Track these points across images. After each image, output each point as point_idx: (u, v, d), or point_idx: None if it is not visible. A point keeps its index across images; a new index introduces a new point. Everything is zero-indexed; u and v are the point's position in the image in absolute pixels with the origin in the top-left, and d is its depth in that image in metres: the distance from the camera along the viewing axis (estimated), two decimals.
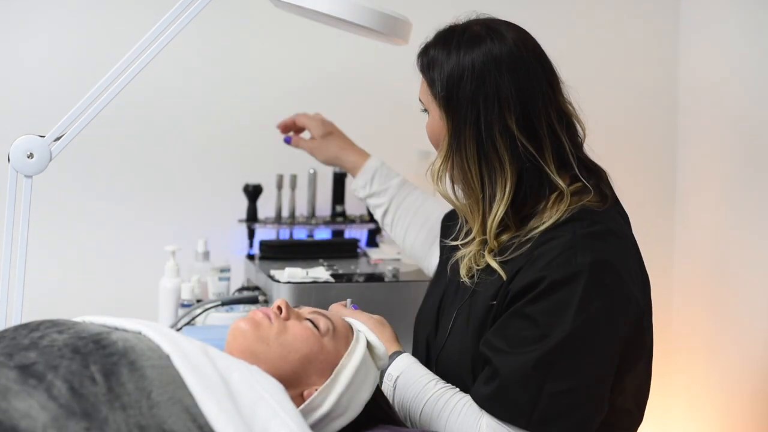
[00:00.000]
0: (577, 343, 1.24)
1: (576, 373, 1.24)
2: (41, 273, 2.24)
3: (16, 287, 1.37)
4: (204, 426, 0.96)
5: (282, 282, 1.90)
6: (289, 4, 1.37)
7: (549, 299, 1.25)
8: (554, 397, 1.23)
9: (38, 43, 2.36)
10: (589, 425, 1.27)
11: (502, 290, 1.31)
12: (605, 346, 1.27)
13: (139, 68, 1.38)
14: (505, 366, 1.25)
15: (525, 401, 1.23)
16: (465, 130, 1.33)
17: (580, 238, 1.28)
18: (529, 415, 1.23)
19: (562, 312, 1.24)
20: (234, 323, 1.23)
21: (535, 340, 1.24)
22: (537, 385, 1.23)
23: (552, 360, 1.23)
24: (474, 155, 1.33)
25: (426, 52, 1.39)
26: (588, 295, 1.24)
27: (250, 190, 2.35)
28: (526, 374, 1.23)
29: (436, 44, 1.37)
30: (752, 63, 2.35)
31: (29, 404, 0.90)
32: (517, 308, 1.28)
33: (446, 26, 1.40)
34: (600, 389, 1.28)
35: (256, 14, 2.42)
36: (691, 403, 2.59)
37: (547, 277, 1.25)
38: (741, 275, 2.37)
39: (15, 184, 1.36)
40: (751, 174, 2.35)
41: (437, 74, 1.35)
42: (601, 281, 1.26)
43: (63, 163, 1.53)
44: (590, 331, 1.25)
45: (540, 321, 1.25)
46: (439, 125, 1.39)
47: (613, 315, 1.27)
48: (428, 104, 1.41)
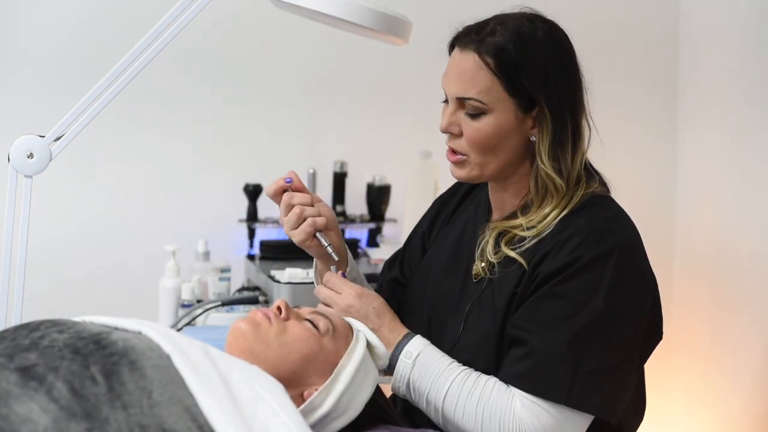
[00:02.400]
0: (610, 320, 1.27)
1: (610, 349, 1.27)
2: (41, 273, 2.24)
3: (16, 287, 1.37)
4: (204, 426, 0.96)
5: (282, 282, 1.90)
6: (289, 4, 1.37)
7: (581, 278, 1.28)
8: (591, 373, 1.25)
9: (38, 43, 2.36)
10: (620, 402, 1.30)
11: (526, 277, 1.33)
12: (635, 324, 1.31)
13: (139, 68, 1.38)
14: (539, 344, 1.27)
15: (563, 377, 1.25)
16: (563, 120, 1.34)
17: (602, 221, 1.32)
18: (567, 391, 1.24)
19: (594, 290, 1.27)
20: (234, 324, 1.23)
21: (569, 318, 1.27)
22: (574, 361, 1.25)
23: (587, 336, 1.26)
24: (569, 139, 1.35)
25: (490, 53, 1.32)
26: (619, 274, 1.28)
27: (250, 190, 2.35)
28: (562, 351, 1.25)
29: (511, 42, 1.32)
30: (751, 63, 2.35)
31: (30, 408, 0.90)
32: (547, 289, 1.30)
33: (503, 19, 1.36)
34: (631, 367, 1.32)
35: (256, 14, 2.42)
36: (691, 402, 2.59)
37: (581, 258, 1.28)
38: (741, 275, 2.37)
39: (15, 184, 1.36)
40: (752, 175, 2.34)
41: (524, 73, 1.32)
42: (630, 260, 1.31)
43: (63, 163, 1.53)
44: (622, 308, 1.28)
45: (573, 300, 1.27)
46: (507, 123, 1.34)
47: (641, 293, 1.32)
48: (494, 102, 1.33)
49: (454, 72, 1.36)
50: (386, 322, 1.40)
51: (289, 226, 1.42)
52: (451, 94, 1.36)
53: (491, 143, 1.34)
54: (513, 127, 1.34)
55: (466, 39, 1.35)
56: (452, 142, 1.38)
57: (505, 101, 1.33)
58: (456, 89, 1.35)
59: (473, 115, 1.34)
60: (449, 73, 1.37)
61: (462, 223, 1.51)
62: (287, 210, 1.41)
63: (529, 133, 1.36)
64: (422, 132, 2.42)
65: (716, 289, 2.48)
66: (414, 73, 2.46)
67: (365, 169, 2.47)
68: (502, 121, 1.34)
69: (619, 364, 1.29)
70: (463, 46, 1.35)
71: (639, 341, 1.33)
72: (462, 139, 1.36)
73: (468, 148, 1.36)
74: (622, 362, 1.30)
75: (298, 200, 1.41)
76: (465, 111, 1.35)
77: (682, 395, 2.61)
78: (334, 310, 1.40)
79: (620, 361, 1.29)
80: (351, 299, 1.40)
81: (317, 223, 1.40)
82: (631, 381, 1.33)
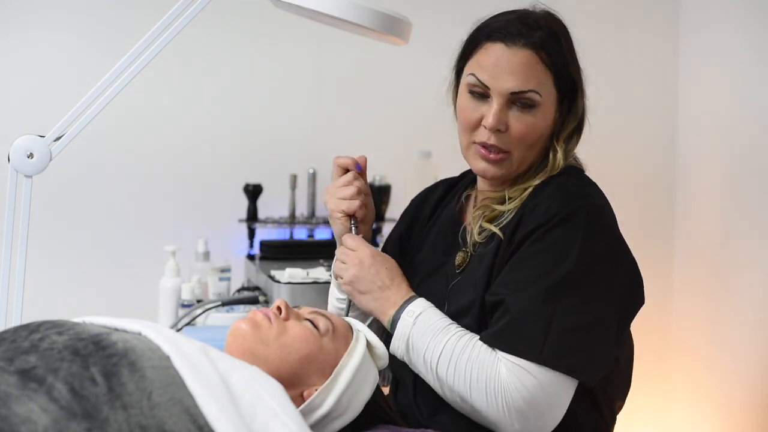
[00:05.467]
0: (583, 277, 1.27)
1: (584, 308, 1.27)
2: (41, 273, 2.24)
3: (16, 287, 1.37)
4: (204, 426, 0.96)
5: (282, 282, 1.90)
6: (289, 4, 1.37)
7: (553, 237, 1.29)
8: (564, 330, 1.25)
9: (38, 44, 2.36)
10: (598, 366, 1.29)
11: (503, 246, 1.34)
12: (609, 283, 1.30)
13: (139, 68, 1.38)
14: (514, 303, 1.27)
15: (536, 335, 1.25)
16: (583, 108, 1.42)
17: (574, 186, 1.36)
18: (540, 348, 1.24)
19: (567, 246, 1.28)
20: (234, 324, 1.23)
21: (543, 276, 1.27)
22: (547, 318, 1.25)
23: (560, 293, 1.26)
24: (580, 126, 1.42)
25: (543, 47, 1.35)
26: (590, 233, 1.29)
27: (250, 190, 2.35)
28: (536, 308, 1.26)
29: (555, 37, 1.37)
30: (751, 64, 2.35)
31: (29, 408, 0.89)
32: (521, 251, 1.31)
33: (534, 16, 1.39)
34: (608, 329, 1.31)
35: (256, 14, 2.42)
36: (690, 403, 2.59)
37: (552, 218, 1.30)
38: (740, 277, 2.37)
39: (15, 184, 1.36)
40: (751, 175, 2.35)
41: (571, 66, 1.38)
42: (601, 221, 1.33)
43: (63, 163, 1.53)
44: (594, 265, 1.29)
45: (545, 258, 1.28)
46: (550, 116, 1.38)
47: (614, 253, 1.33)
48: (546, 95, 1.36)
49: (505, 67, 1.35)
50: (396, 282, 1.40)
51: (340, 195, 1.46)
52: (505, 89, 1.35)
53: (538, 136, 1.37)
54: (553, 119, 1.38)
55: (511, 34, 1.35)
56: (497, 139, 1.37)
57: (551, 94, 1.37)
58: (512, 84, 1.34)
59: (527, 109, 1.36)
60: (498, 69, 1.35)
61: (441, 223, 1.52)
62: (345, 184, 1.47)
63: (554, 123, 1.40)
64: (422, 132, 2.42)
65: (716, 289, 2.48)
66: (414, 73, 2.46)
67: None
68: (548, 114, 1.37)
69: (593, 323, 1.27)
70: (511, 42, 1.35)
71: (616, 303, 1.31)
72: (507, 135, 1.36)
73: (515, 144, 1.37)
74: (597, 322, 1.28)
75: (359, 184, 1.47)
76: (516, 106, 1.36)
77: (682, 395, 2.61)
78: (347, 265, 1.41)
79: (595, 320, 1.28)
80: (365, 257, 1.41)
81: (361, 210, 1.46)
82: (610, 344, 1.31)
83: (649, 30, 2.68)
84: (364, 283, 1.39)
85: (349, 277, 1.41)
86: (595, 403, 1.36)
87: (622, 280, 1.33)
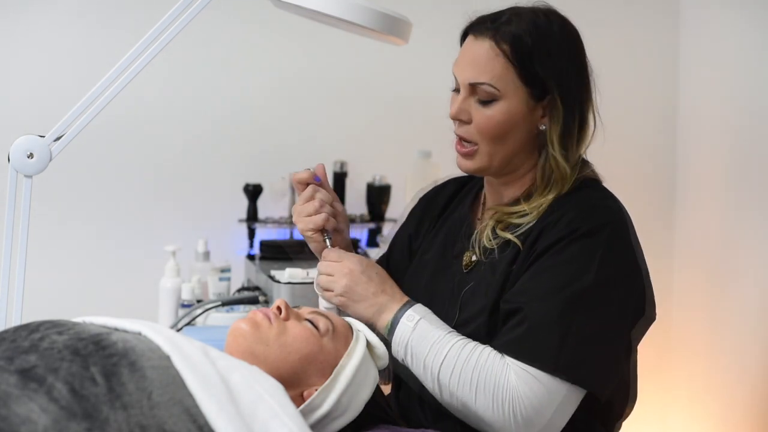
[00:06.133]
0: (601, 291, 1.28)
1: (599, 322, 1.28)
2: (41, 273, 2.24)
3: (16, 287, 1.37)
4: (204, 426, 0.96)
5: (282, 282, 1.90)
6: (289, 4, 1.37)
7: (573, 251, 1.30)
8: (579, 343, 1.26)
9: (38, 44, 2.37)
10: (608, 378, 1.30)
11: (522, 255, 1.34)
12: (626, 298, 1.32)
13: (139, 68, 1.38)
14: (532, 312, 1.27)
15: (553, 345, 1.25)
16: (572, 109, 1.37)
17: (596, 199, 1.37)
18: (556, 359, 1.25)
19: (587, 261, 1.29)
20: (234, 324, 1.23)
21: (562, 288, 1.28)
22: (563, 330, 1.26)
23: (578, 307, 1.27)
24: (576, 129, 1.38)
25: (507, 41, 1.33)
26: (611, 247, 1.30)
27: (250, 190, 2.35)
28: (554, 319, 1.26)
29: (526, 31, 1.34)
30: (751, 64, 2.35)
31: (29, 408, 0.89)
32: (541, 262, 1.31)
33: (518, 11, 1.37)
34: (620, 346, 1.33)
35: (256, 14, 2.42)
36: (691, 403, 2.59)
37: (574, 232, 1.30)
38: (740, 276, 2.37)
39: (15, 184, 1.36)
40: (751, 176, 2.35)
41: (538, 61, 1.33)
42: (622, 236, 1.33)
43: (63, 163, 1.53)
44: (612, 283, 1.30)
45: (566, 270, 1.29)
46: (517, 111, 1.35)
47: (631, 271, 1.34)
48: (507, 89, 1.34)
49: (467, 58, 1.36)
50: (388, 286, 1.40)
51: (305, 213, 1.44)
52: (464, 79, 1.36)
53: (501, 131, 1.35)
54: (523, 116, 1.35)
55: (480, 27, 1.36)
56: (461, 130, 1.38)
57: (517, 89, 1.34)
58: (469, 75, 1.35)
59: (485, 102, 1.35)
60: (462, 60, 1.38)
61: (451, 223, 1.51)
62: (307, 200, 1.44)
63: (539, 123, 1.37)
64: (422, 132, 2.42)
65: (716, 289, 2.48)
66: (414, 73, 2.46)
67: (365, 169, 2.48)
68: (513, 108, 1.35)
69: (607, 339, 1.29)
70: (478, 34, 1.36)
71: (629, 320, 1.33)
72: (471, 127, 1.37)
73: (478, 136, 1.37)
74: (610, 338, 1.30)
75: (321, 196, 1.45)
76: (476, 98, 1.36)
77: (682, 395, 2.61)
78: (335, 277, 1.39)
79: (609, 336, 1.30)
80: (353, 265, 1.40)
81: (329, 222, 1.44)
82: (619, 360, 1.33)
83: (649, 30, 2.68)
84: (357, 292, 1.38)
85: (341, 288, 1.39)
86: (598, 412, 1.36)
87: (637, 298, 1.34)
